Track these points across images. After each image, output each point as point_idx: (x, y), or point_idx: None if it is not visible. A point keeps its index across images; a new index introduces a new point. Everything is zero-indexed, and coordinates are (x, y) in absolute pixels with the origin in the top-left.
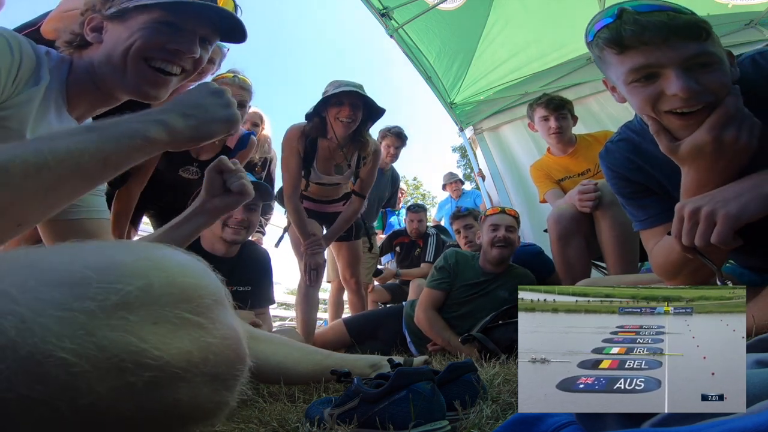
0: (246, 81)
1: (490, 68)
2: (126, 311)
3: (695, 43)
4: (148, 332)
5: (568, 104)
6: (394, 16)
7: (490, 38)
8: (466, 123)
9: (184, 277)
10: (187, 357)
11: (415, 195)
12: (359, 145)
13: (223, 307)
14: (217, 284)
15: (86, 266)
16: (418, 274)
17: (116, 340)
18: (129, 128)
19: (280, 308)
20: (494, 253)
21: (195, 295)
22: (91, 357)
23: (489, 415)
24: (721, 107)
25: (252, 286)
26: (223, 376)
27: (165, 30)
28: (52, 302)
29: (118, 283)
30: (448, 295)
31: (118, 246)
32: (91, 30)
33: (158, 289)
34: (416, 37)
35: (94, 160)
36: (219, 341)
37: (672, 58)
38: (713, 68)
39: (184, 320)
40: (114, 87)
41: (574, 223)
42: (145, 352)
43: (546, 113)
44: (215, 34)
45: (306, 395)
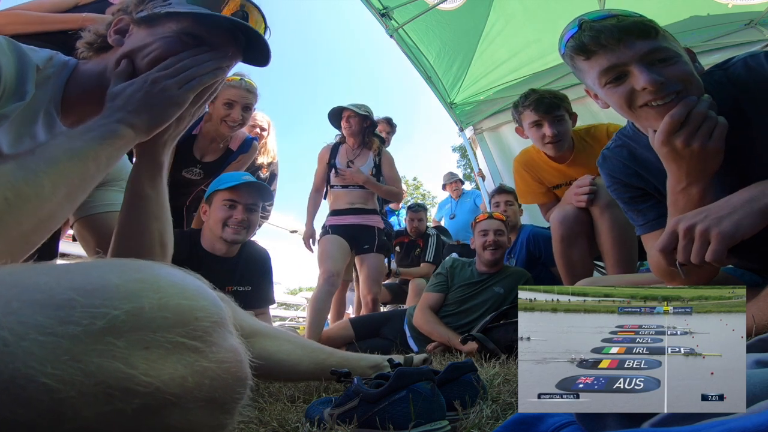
0: (252, 84)
1: (490, 68)
2: (113, 336)
3: (647, 40)
4: (137, 358)
5: (564, 102)
6: (394, 16)
7: (490, 38)
8: (466, 123)
9: (179, 299)
10: (181, 383)
11: (415, 195)
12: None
13: (222, 328)
14: (216, 304)
15: (72, 288)
16: (417, 274)
17: (103, 366)
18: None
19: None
20: (486, 256)
21: (191, 318)
22: (77, 383)
23: (489, 415)
24: (668, 115)
25: (252, 286)
26: (220, 401)
27: (188, 42)
28: (35, 326)
29: (104, 306)
30: (445, 298)
31: (109, 265)
32: (116, 32)
33: (149, 313)
34: (416, 37)
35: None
36: (216, 365)
37: (630, 56)
38: (672, 61)
39: (177, 344)
40: None
41: (578, 225)
42: (134, 378)
43: (537, 118)
44: (238, 53)
45: (306, 395)
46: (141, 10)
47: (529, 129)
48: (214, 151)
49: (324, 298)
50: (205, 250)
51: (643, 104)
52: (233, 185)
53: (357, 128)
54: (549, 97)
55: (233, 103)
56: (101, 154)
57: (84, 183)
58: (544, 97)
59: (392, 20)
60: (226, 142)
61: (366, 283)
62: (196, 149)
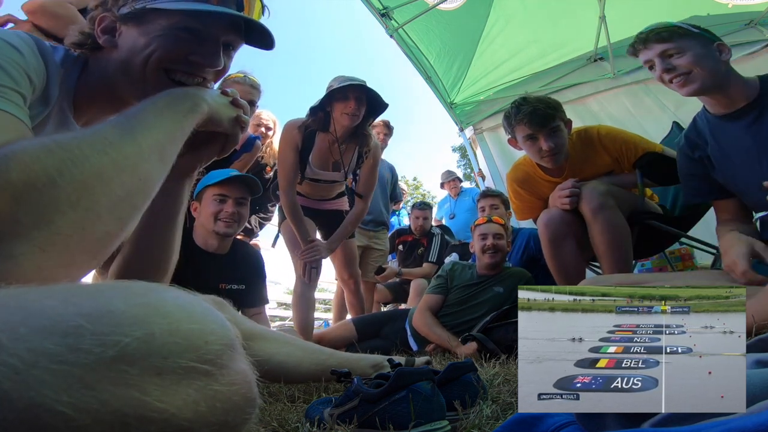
0: (255, 81)
1: (490, 68)
2: (126, 364)
3: (662, 43)
4: (150, 384)
5: (558, 111)
6: (394, 16)
7: (490, 38)
8: (466, 123)
9: (189, 324)
10: (194, 408)
11: (415, 195)
12: (361, 139)
13: (232, 350)
14: (225, 326)
15: (79, 314)
16: (419, 274)
17: (117, 394)
18: (189, 105)
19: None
20: (486, 260)
21: (201, 342)
22: (92, 411)
23: (489, 415)
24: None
25: (246, 285)
26: (232, 423)
27: (186, 38)
28: (44, 353)
29: (115, 334)
30: (445, 300)
31: (114, 289)
32: (103, 31)
33: (160, 339)
34: (416, 37)
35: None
36: (227, 388)
37: (653, 54)
38: (679, 55)
39: (189, 369)
40: (131, 96)
41: (564, 226)
42: (149, 405)
43: (531, 131)
44: (240, 39)
45: (306, 395)
46: (122, 6)
47: (523, 143)
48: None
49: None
50: (198, 247)
51: (668, 81)
52: (222, 179)
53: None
54: (543, 108)
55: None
56: (185, 124)
57: (172, 147)
58: (537, 109)
59: (392, 20)
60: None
61: (344, 268)
62: None
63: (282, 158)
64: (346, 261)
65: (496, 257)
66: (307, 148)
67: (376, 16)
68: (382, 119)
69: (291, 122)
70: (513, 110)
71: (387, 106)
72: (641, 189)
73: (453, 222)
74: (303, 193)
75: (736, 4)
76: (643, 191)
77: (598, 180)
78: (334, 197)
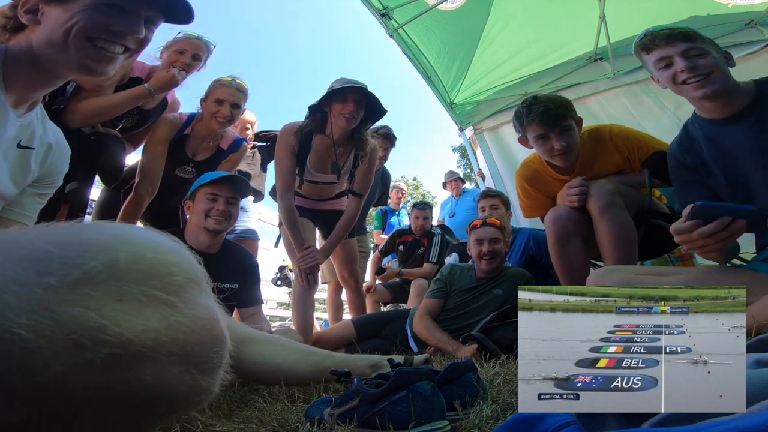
0: (242, 84)
1: (490, 68)
2: (89, 287)
3: (687, 42)
4: (110, 309)
5: (569, 110)
6: (394, 16)
7: (490, 38)
8: (466, 123)
9: (154, 253)
10: (154, 335)
11: (415, 195)
12: (357, 143)
13: (197, 286)
14: (192, 263)
15: (50, 242)
16: (420, 274)
17: (75, 316)
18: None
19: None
20: (483, 266)
21: (165, 272)
22: (48, 333)
23: (489, 415)
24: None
25: (239, 284)
26: (195, 358)
27: (108, 12)
28: (14, 278)
29: (81, 258)
30: (444, 304)
31: (88, 224)
32: (26, 12)
33: (124, 265)
34: (416, 37)
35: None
36: (190, 321)
37: (674, 51)
38: (702, 56)
39: (152, 298)
40: (57, 66)
41: (571, 224)
42: (105, 329)
43: (543, 131)
44: (160, 15)
45: (306, 395)
46: None
47: (535, 142)
48: (206, 150)
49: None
50: (189, 246)
51: (682, 81)
52: (214, 179)
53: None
54: (554, 108)
55: (223, 101)
56: None
57: None
58: (548, 108)
59: (392, 20)
60: (217, 140)
61: (344, 267)
62: (188, 148)
63: (279, 163)
64: (345, 260)
65: (493, 263)
66: (304, 152)
67: (376, 16)
68: (383, 131)
69: (287, 127)
70: (524, 110)
71: (385, 112)
72: (648, 188)
73: (453, 220)
74: (303, 194)
75: (736, 4)
76: (651, 190)
77: (607, 179)
78: (333, 197)
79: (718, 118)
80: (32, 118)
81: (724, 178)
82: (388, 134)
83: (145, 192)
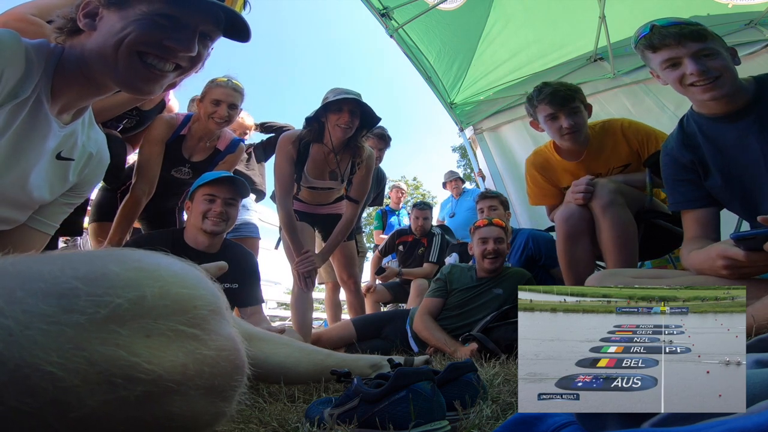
0: (238, 84)
1: (490, 68)
2: (117, 324)
3: (698, 42)
4: (140, 345)
5: (578, 93)
6: (394, 16)
7: (490, 38)
8: (466, 123)
9: (179, 288)
10: (182, 370)
11: (415, 195)
12: (354, 150)
13: (220, 317)
14: (214, 293)
15: (75, 276)
16: (420, 274)
17: (106, 354)
18: None
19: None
20: (486, 265)
21: (190, 306)
22: (81, 371)
23: (489, 415)
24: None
25: (239, 284)
26: (220, 388)
27: (163, 24)
28: (39, 314)
29: (108, 295)
30: (444, 303)
31: (109, 255)
32: (85, 15)
33: (151, 301)
34: (416, 37)
35: None
36: (215, 353)
37: (684, 52)
38: (713, 57)
39: (178, 332)
40: (105, 78)
41: (583, 223)
42: (137, 366)
43: (552, 110)
44: (218, 30)
45: (306, 395)
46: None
47: (545, 122)
48: (202, 151)
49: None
50: (188, 246)
51: (690, 84)
52: (213, 180)
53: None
54: (563, 90)
55: (220, 102)
56: None
57: None
58: (558, 90)
59: (392, 20)
60: (214, 140)
61: (343, 269)
62: (185, 149)
63: (278, 170)
64: (345, 262)
65: (497, 263)
66: (302, 160)
67: (376, 16)
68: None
69: (286, 136)
70: (535, 93)
71: (380, 120)
72: (650, 187)
73: (453, 221)
74: (302, 199)
75: (736, 4)
76: (652, 190)
77: (609, 178)
78: (332, 202)
79: (717, 116)
80: (76, 126)
81: (720, 177)
82: (382, 134)
83: (142, 192)
